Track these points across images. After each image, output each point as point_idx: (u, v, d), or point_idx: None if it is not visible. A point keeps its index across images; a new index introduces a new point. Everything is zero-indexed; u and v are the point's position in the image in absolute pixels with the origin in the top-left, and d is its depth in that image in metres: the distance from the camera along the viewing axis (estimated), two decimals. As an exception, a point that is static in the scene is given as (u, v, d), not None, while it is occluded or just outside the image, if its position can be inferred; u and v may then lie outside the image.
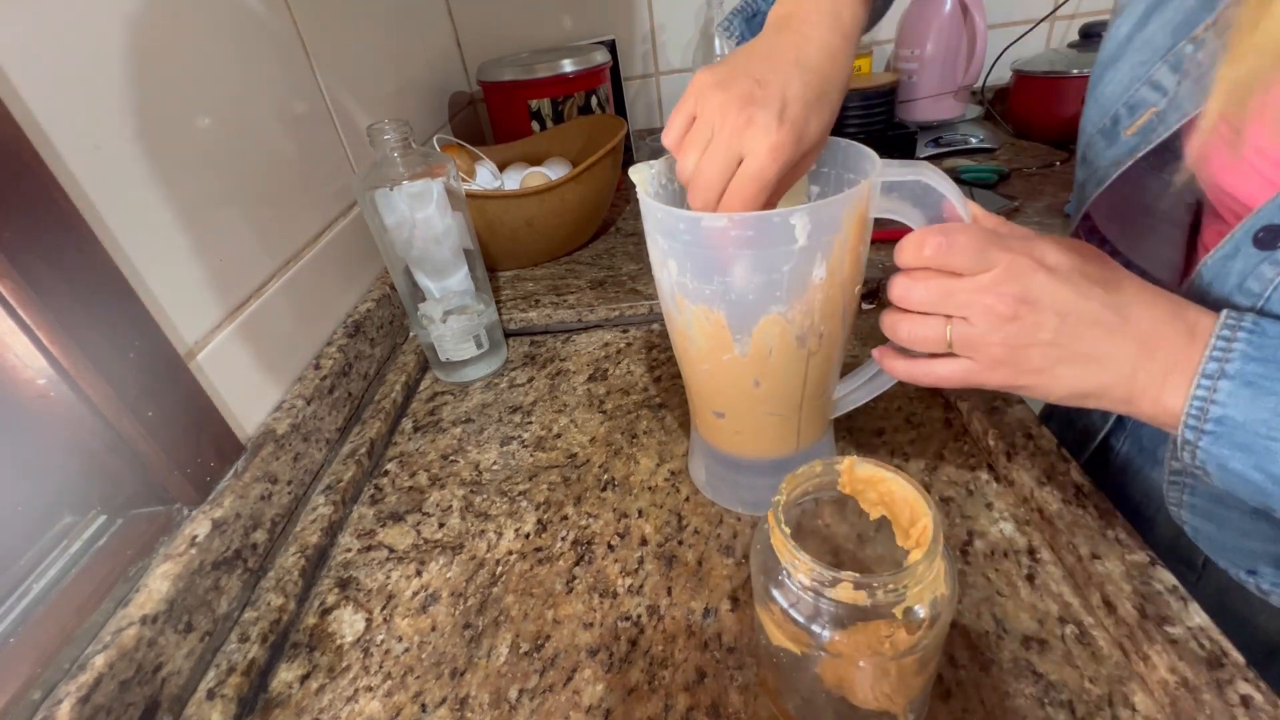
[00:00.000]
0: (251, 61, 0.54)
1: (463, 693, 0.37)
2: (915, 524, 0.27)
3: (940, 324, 0.32)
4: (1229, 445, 0.28)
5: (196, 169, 0.47)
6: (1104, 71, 0.39)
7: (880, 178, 0.33)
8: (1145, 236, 0.43)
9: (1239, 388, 0.27)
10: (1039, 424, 0.46)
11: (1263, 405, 0.27)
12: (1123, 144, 0.38)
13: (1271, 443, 0.27)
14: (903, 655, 0.25)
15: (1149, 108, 0.36)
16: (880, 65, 1.14)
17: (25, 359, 0.35)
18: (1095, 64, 0.40)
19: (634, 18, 1.12)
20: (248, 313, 0.50)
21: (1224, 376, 0.28)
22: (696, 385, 0.43)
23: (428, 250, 0.58)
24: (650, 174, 0.39)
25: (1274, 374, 0.27)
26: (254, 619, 0.41)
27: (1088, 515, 0.39)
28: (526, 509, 0.49)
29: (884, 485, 0.29)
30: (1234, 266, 0.31)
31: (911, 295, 0.32)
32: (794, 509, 0.31)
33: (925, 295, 0.32)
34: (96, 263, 0.37)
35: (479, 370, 0.65)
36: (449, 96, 1.04)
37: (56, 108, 0.37)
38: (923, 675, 0.28)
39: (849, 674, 0.27)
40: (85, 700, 0.31)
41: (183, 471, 0.41)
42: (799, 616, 0.27)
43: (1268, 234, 0.29)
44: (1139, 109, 0.36)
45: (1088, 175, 0.41)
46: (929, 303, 0.32)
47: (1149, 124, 0.36)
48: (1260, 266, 0.30)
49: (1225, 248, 0.31)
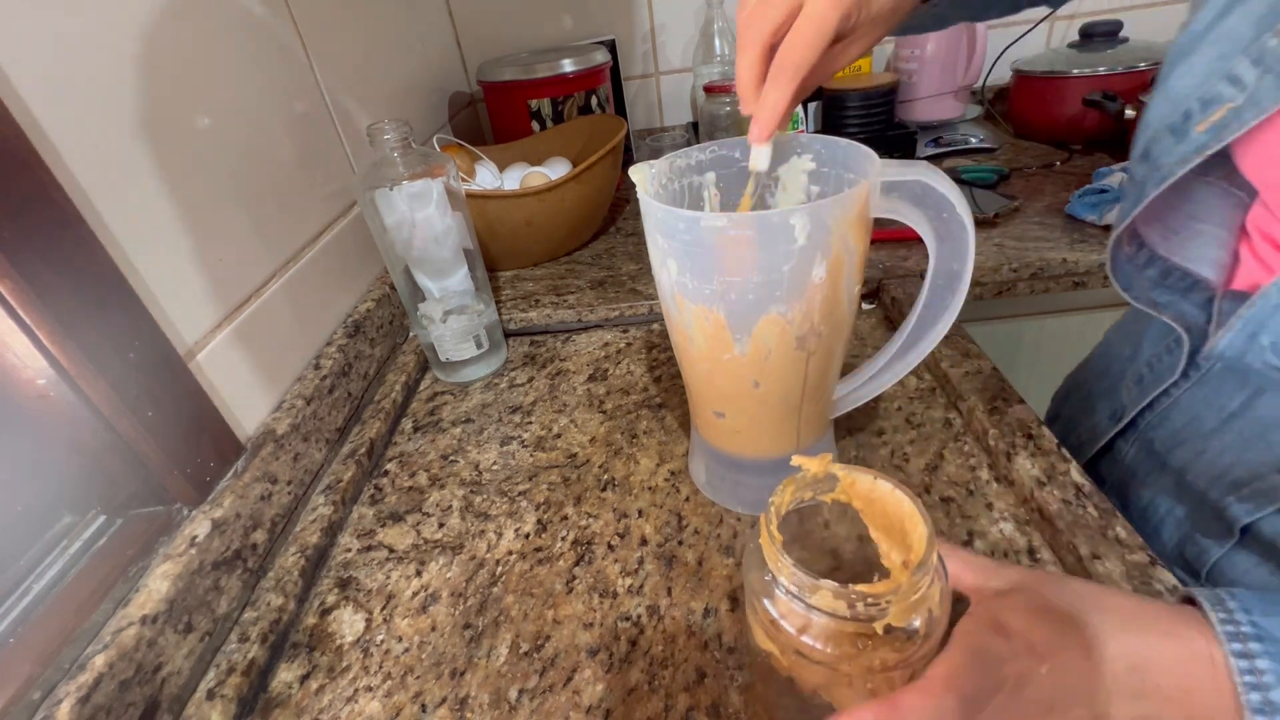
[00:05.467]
0: (251, 61, 0.54)
1: (463, 693, 0.37)
2: (910, 535, 0.27)
3: None
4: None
5: (196, 169, 0.47)
6: (1176, 64, 0.37)
7: (880, 178, 0.33)
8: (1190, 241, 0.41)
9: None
10: (1039, 424, 0.46)
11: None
12: (1192, 140, 0.35)
13: None
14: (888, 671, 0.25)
15: (1225, 103, 0.34)
16: (880, 65, 1.14)
17: (25, 359, 0.35)
18: (1166, 58, 0.38)
19: (634, 18, 1.12)
20: (247, 313, 0.50)
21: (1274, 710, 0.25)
22: (696, 385, 0.43)
23: (428, 250, 0.58)
24: (650, 174, 0.39)
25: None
26: (254, 619, 0.41)
27: (1088, 515, 0.39)
28: (526, 509, 0.49)
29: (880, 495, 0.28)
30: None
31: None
32: (793, 512, 0.30)
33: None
34: (96, 263, 0.37)
35: (479, 370, 0.65)
36: (449, 96, 1.05)
37: (56, 108, 0.37)
38: None
39: (834, 684, 0.27)
40: (85, 700, 0.31)
41: (182, 471, 0.41)
42: (783, 621, 0.26)
43: None
44: (1214, 104, 0.34)
45: (1148, 173, 0.39)
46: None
47: (1223, 120, 0.34)
48: None
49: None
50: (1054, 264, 0.68)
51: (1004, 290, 0.70)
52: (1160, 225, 0.42)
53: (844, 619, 0.25)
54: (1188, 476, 0.42)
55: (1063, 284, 0.69)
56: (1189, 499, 0.42)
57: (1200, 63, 0.35)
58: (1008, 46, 1.04)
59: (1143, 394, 0.45)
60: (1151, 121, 0.39)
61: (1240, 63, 0.33)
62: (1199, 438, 0.41)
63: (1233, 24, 0.34)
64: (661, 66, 1.17)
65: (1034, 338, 0.84)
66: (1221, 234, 0.39)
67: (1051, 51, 0.98)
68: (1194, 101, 0.35)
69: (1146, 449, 0.45)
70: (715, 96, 0.94)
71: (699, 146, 0.41)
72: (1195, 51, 0.36)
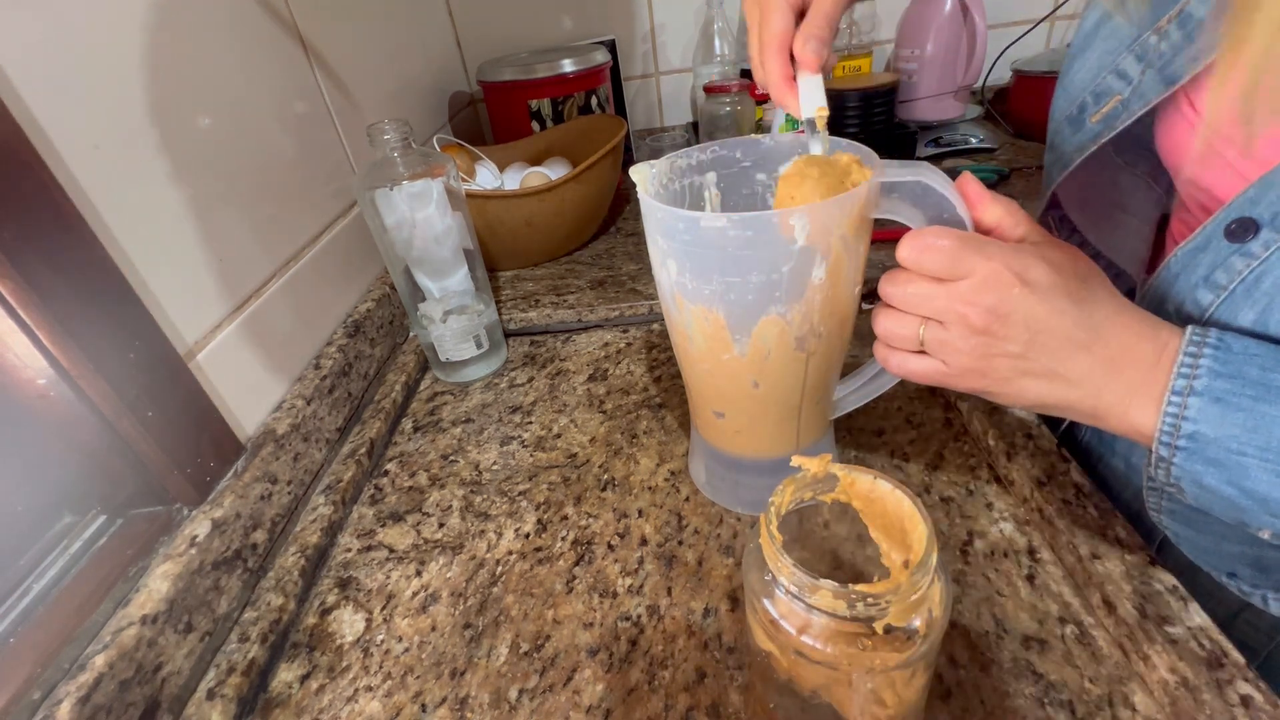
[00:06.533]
0: (251, 61, 0.54)
1: (463, 693, 0.37)
2: (909, 535, 0.27)
3: (915, 323, 0.32)
4: (1201, 461, 0.28)
5: (196, 169, 0.47)
6: (1073, 61, 0.41)
7: (880, 178, 0.33)
8: (1114, 230, 0.44)
9: (1208, 404, 0.28)
10: (1039, 424, 0.46)
11: (1232, 421, 0.27)
12: (1088, 130, 0.39)
13: (1242, 458, 0.27)
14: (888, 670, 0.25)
15: (1114, 95, 0.37)
16: (880, 65, 1.14)
17: (25, 359, 0.35)
18: (1067, 53, 0.41)
19: (634, 18, 1.12)
20: (248, 313, 0.50)
21: (1193, 394, 0.28)
22: (696, 385, 0.43)
23: (428, 250, 0.58)
24: (650, 174, 0.39)
25: (1240, 389, 0.27)
26: (254, 619, 0.41)
27: (1088, 515, 0.39)
28: (526, 509, 0.49)
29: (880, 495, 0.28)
30: (1203, 259, 0.32)
31: (893, 294, 0.33)
32: (793, 512, 0.30)
33: (904, 296, 0.32)
34: (96, 263, 0.37)
35: (479, 370, 0.65)
36: (449, 96, 1.05)
37: (56, 108, 0.37)
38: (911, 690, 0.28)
39: (834, 684, 0.27)
40: (85, 700, 0.31)
41: (183, 471, 0.41)
42: (783, 621, 0.26)
43: (1239, 226, 0.30)
44: (1104, 97, 0.38)
45: (1054, 160, 0.43)
46: (906, 304, 0.32)
47: (1113, 111, 0.37)
48: (1230, 259, 0.30)
49: (1196, 239, 0.32)
50: (1054, 264, 0.68)
51: (1004, 290, 0.70)
52: (1090, 211, 0.45)
53: (844, 619, 0.25)
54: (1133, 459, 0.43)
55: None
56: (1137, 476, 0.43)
57: (1092, 58, 0.39)
58: (1008, 46, 1.04)
59: None
60: (1054, 114, 0.43)
61: (1125, 58, 0.36)
62: None
63: (1118, 23, 0.37)
64: (661, 66, 1.17)
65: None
66: (1143, 228, 0.43)
67: (1051, 51, 0.98)
68: (1088, 95, 0.39)
69: (1098, 435, 0.47)
70: (715, 96, 0.94)
71: (699, 146, 0.41)
72: (1089, 48, 0.39)
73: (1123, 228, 0.43)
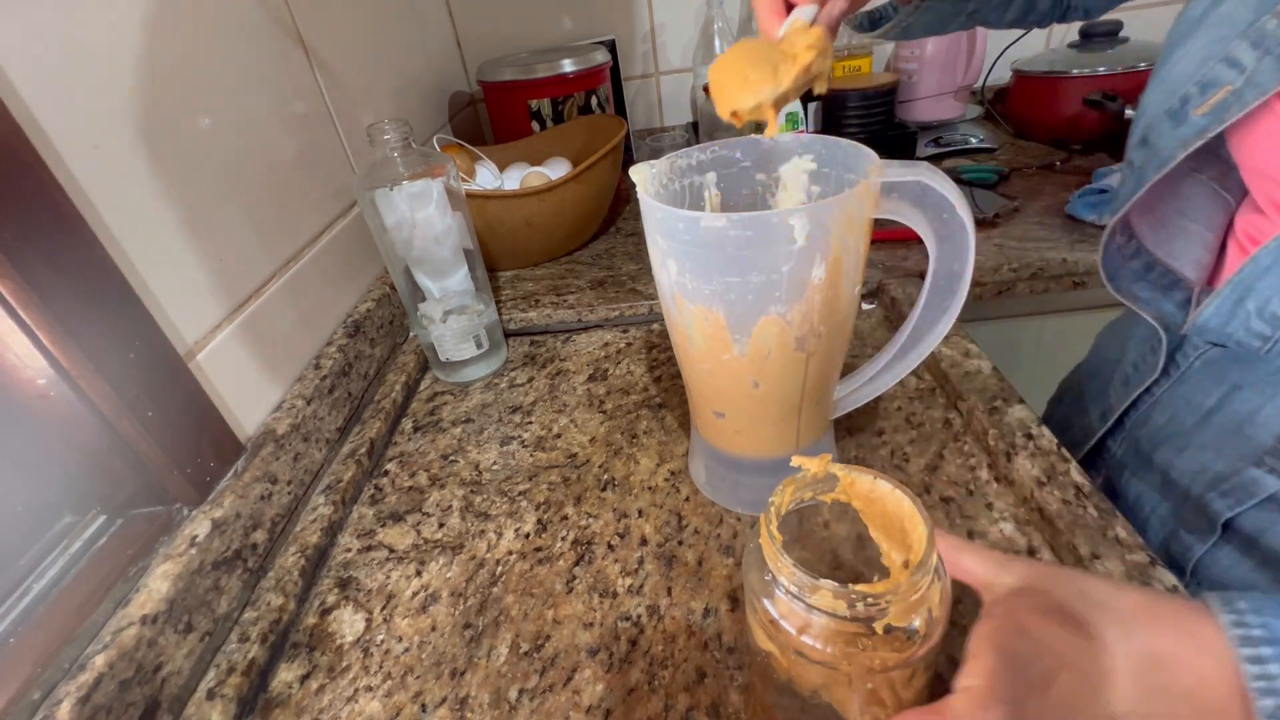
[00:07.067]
0: (251, 61, 0.54)
1: (463, 693, 0.37)
2: (909, 535, 0.27)
3: None
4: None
5: (196, 169, 0.47)
6: (1173, 50, 0.37)
7: (880, 178, 0.33)
8: (1175, 237, 0.42)
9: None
10: (1039, 424, 0.46)
11: None
12: (1191, 124, 0.35)
13: None
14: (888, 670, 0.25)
15: (1224, 85, 0.34)
16: (880, 65, 1.14)
17: (25, 359, 0.35)
18: (1165, 43, 0.38)
19: (634, 18, 1.12)
20: (248, 313, 0.50)
21: None
22: (696, 385, 0.43)
23: (428, 250, 0.58)
24: (650, 174, 0.39)
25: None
26: (254, 619, 0.41)
27: (1088, 515, 0.39)
28: (526, 509, 0.49)
29: (880, 495, 0.28)
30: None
31: None
32: (793, 512, 0.30)
33: None
34: (96, 263, 0.37)
35: (479, 370, 0.65)
36: (449, 96, 1.05)
37: (56, 108, 0.37)
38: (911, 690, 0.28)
39: (833, 684, 0.27)
40: (85, 700, 0.31)
41: (182, 471, 0.41)
42: (783, 621, 0.26)
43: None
44: (1212, 87, 0.34)
45: (1147, 159, 0.39)
46: None
47: (1223, 103, 0.34)
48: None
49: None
50: (1054, 264, 0.68)
51: (1004, 290, 0.70)
52: (1151, 218, 0.43)
53: (844, 619, 0.25)
54: (1171, 474, 0.42)
55: (1062, 284, 0.69)
56: (1173, 496, 0.43)
57: (1197, 47, 0.36)
58: (1008, 46, 1.04)
59: (1127, 393, 0.46)
60: (1149, 107, 0.39)
61: (1238, 46, 0.33)
62: (1180, 435, 0.42)
63: (1230, 8, 0.34)
64: (661, 66, 1.17)
65: (1034, 338, 0.84)
66: (1206, 235, 0.40)
67: (1051, 51, 0.98)
68: (1192, 86, 0.36)
69: (1134, 448, 0.46)
70: (715, 96, 0.94)
71: (699, 146, 0.41)
72: (1192, 37, 0.36)
73: (1184, 234, 0.41)
